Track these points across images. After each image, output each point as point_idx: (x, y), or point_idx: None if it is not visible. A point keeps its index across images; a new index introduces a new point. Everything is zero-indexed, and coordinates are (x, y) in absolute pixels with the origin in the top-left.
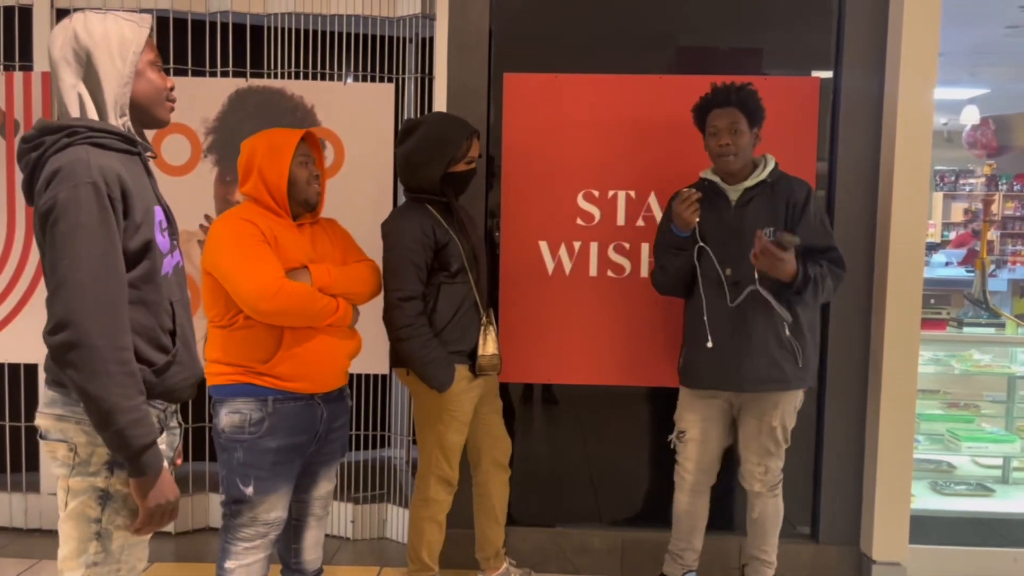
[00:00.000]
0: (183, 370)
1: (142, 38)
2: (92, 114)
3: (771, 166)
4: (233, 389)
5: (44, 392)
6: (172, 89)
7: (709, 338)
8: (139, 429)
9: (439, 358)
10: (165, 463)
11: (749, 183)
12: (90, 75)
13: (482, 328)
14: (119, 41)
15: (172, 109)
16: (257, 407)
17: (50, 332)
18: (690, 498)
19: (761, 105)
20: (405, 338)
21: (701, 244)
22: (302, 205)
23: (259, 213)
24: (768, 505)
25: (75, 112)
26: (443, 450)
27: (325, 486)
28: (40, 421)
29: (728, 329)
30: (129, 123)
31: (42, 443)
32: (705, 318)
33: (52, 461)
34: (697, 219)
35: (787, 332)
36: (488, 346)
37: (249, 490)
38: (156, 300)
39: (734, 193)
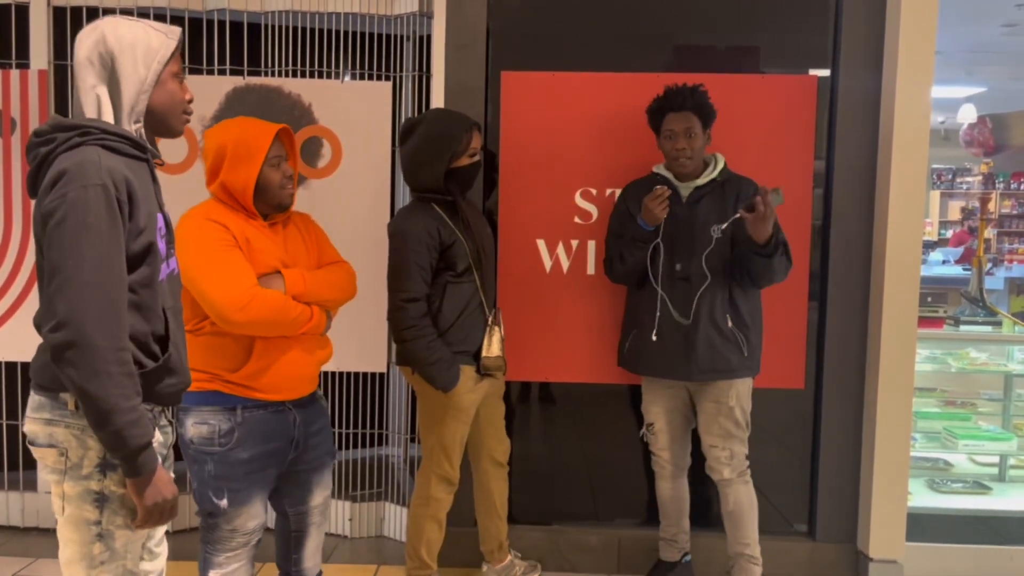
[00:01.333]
0: (171, 376)
1: (169, 48)
2: (107, 116)
3: (721, 165)
4: (199, 397)
5: (31, 397)
6: (191, 101)
7: (655, 329)
8: (136, 429)
9: (443, 359)
10: (160, 461)
11: (700, 181)
12: (112, 78)
13: (487, 329)
14: (145, 49)
15: (187, 121)
16: (225, 417)
17: (51, 330)
18: (672, 484)
19: (712, 106)
20: (409, 339)
21: (658, 240)
22: (274, 209)
23: (227, 213)
24: (741, 493)
25: (91, 112)
26: (444, 449)
27: (321, 493)
28: (29, 427)
29: (674, 322)
30: (142, 130)
31: (32, 449)
32: (658, 312)
33: (43, 467)
34: (665, 215)
35: (729, 323)
36: (493, 347)
37: (223, 503)
38: (151, 306)
39: (685, 190)
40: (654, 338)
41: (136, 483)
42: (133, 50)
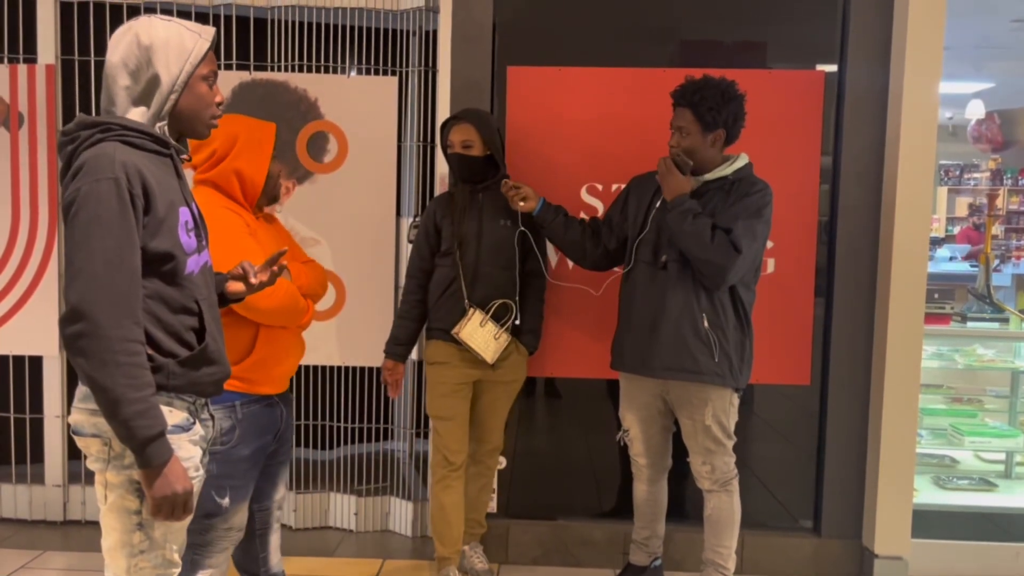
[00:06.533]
0: (210, 365)
1: (202, 50)
2: (138, 116)
3: (738, 164)
4: None
5: (79, 388)
6: (220, 104)
7: (628, 320)
8: (144, 420)
9: (393, 338)
10: (174, 453)
11: (709, 177)
12: (142, 77)
13: (466, 315)
14: (178, 48)
15: (214, 125)
16: (226, 414)
17: (63, 320)
18: (648, 487)
19: (717, 110)
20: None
21: (522, 229)
22: (270, 201)
23: (232, 203)
24: (722, 502)
25: (122, 111)
26: (433, 421)
27: (282, 488)
28: (74, 416)
29: (649, 313)
30: (166, 127)
31: (76, 439)
32: (633, 301)
33: (87, 456)
34: (520, 205)
35: (705, 324)
36: (463, 331)
37: (225, 502)
38: (178, 297)
39: (694, 183)
40: (626, 330)
41: (146, 474)
42: (166, 50)
